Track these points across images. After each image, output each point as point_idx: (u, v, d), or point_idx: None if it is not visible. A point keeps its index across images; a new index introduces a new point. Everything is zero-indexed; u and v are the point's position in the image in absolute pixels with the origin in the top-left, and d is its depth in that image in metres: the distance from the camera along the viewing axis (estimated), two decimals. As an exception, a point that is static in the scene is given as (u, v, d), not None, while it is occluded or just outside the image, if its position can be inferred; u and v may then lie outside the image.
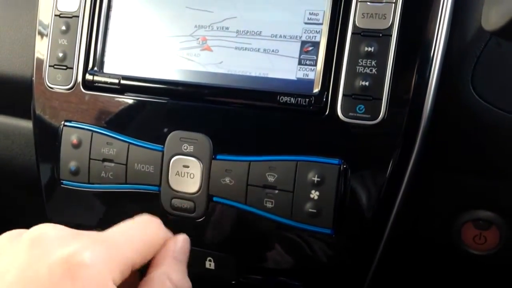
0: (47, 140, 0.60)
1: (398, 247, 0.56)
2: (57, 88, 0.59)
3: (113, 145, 0.56)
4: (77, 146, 0.58)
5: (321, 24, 0.50)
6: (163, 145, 0.55)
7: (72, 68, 0.58)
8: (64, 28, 0.59)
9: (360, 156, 0.49)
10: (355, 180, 0.49)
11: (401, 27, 0.47)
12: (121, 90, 0.57)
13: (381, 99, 0.47)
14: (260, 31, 0.53)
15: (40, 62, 0.60)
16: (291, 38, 0.52)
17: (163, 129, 0.55)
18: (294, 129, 0.51)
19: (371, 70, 0.47)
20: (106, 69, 0.58)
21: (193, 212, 0.54)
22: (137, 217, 0.40)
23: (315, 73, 0.50)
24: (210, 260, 0.55)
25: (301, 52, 0.51)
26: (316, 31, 0.51)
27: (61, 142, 0.59)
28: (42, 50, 0.60)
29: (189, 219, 0.54)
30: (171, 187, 0.55)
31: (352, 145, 0.49)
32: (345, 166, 0.49)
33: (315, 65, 0.50)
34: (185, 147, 0.54)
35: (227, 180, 0.52)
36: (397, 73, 0.47)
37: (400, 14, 0.46)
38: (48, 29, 0.60)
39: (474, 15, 0.48)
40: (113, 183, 0.57)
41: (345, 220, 0.49)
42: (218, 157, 0.53)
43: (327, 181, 0.49)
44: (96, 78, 0.58)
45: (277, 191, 0.50)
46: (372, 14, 0.47)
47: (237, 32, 0.54)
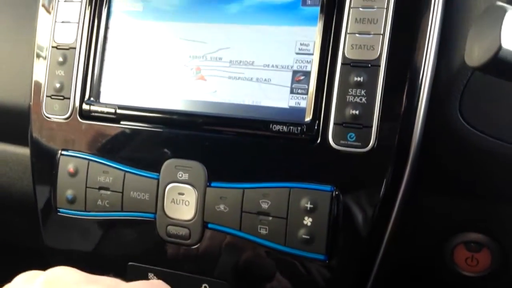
0: (44, 168, 0.61)
1: (392, 270, 0.56)
2: (54, 118, 0.61)
3: (109, 173, 0.57)
4: (73, 174, 0.59)
5: (312, 54, 0.52)
6: (159, 173, 0.56)
7: (69, 98, 0.60)
8: (61, 59, 0.60)
9: (352, 183, 0.50)
10: (347, 206, 0.50)
11: (389, 57, 0.48)
12: (117, 119, 0.58)
13: (371, 127, 0.48)
14: (253, 61, 0.54)
15: (38, 92, 0.61)
16: (283, 67, 0.53)
17: (158, 157, 0.56)
18: (286, 156, 0.52)
19: (361, 99, 0.49)
20: (102, 99, 0.60)
21: (188, 239, 0.55)
22: (153, 280, 0.41)
23: (306, 101, 0.51)
24: (205, 287, 0.55)
25: (293, 81, 0.53)
26: (307, 61, 0.52)
27: (58, 171, 0.60)
28: (40, 80, 0.61)
29: (185, 246, 0.55)
30: (166, 215, 0.55)
31: (344, 172, 0.50)
32: (337, 193, 0.50)
33: (306, 93, 0.52)
34: (180, 175, 0.55)
35: (222, 207, 0.53)
36: (386, 102, 0.48)
37: (388, 45, 0.48)
38: (46, 60, 0.61)
39: (461, 45, 0.49)
40: (109, 211, 0.58)
41: (338, 246, 0.50)
42: (212, 184, 0.54)
43: (319, 207, 0.50)
44: (93, 108, 0.59)
45: (271, 218, 0.51)
46: (360, 45, 0.49)
47: (230, 62, 0.55)
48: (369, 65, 0.48)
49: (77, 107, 0.59)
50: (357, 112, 0.49)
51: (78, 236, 0.61)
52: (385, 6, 0.48)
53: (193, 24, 0.57)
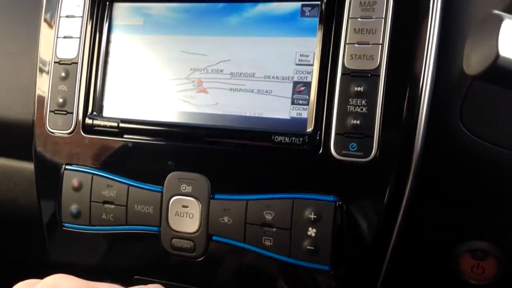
0: (49, 183, 0.62)
1: (397, 280, 0.56)
2: (58, 133, 0.61)
3: (113, 187, 0.57)
4: (78, 189, 0.59)
5: (312, 65, 0.52)
6: (162, 186, 0.56)
7: (72, 113, 0.60)
8: (63, 74, 0.61)
9: (355, 193, 0.50)
10: (351, 216, 0.50)
11: (388, 67, 0.48)
12: (120, 133, 0.58)
13: (373, 136, 0.48)
14: (254, 73, 0.54)
15: (41, 108, 0.62)
16: (283, 78, 0.53)
17: (161, 170, 0.56)
18: (289, 167, 0.52)
19: (361, 109, 0.49)
20: (105, 113, 0.60)
21: (193, 251, 0.55)
22: (150, 284, 0.42)
23: (308, 112, 0.52)
24: (211, 299, 0.55)
25: (293, 92, 0.53)
26: (307, 71, 0.52)
27: (62, 186, 0.60)
28: (43, 95, 0.62)
29: (189, 258, 0.55)
30: (171, 227, 0.55)
31: (347, 182, 0.50)
32: (340, 203, 0.50)
33: (307, 104, 0.52)
34: (183, 188, 0.55)
35: (226, 219, 0.53)
36: (387, 111, 0.48)
37: (387, 55, 0.48)
38: (48, 76, 0.62)
39: (461, 53, 0.49)
40: (114, 224, 0.58)
41: (343, 256, 0.50)
42: (216, 196, 0.54)
43: (323, 218, 0.50)
44: (96, 122, 0.59)
45: (275, 229, 0.51)
46: (360, 55, 0.49)
47: (231, 74, 0.55)
48: (369, 74, 0.49)
49: (80, 121, 0.60)
50: (358, 122, 0.49)
51: (83, 250, 0.61)
52: (383, 16, 0.48)
53: (193, 37, 0.57)
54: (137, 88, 0.59)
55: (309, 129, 0.51)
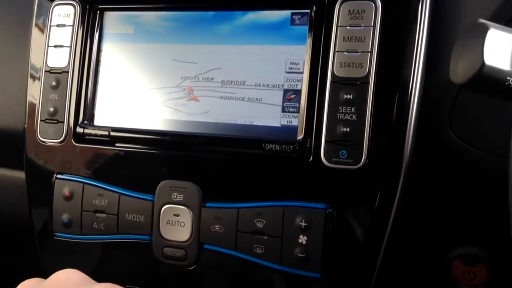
0: (40, 192, 0.61)
1: (389, 286, 0.56)
2: (49, 142, 0.61)
3: (104, 196, 0.57)
4: (69, 198, 0.59)
5: (302, 73, 0.52)
6: (153, 194, 0.56)
7: (63, 122, 0.60)
8: (54, 83, 0.61)
9: (346, 200, 0.50)
10: (341, 223, 0.50)
11: (377, 75, 0.48)
12: (111, 141, 0.58)
13: (362, 144, 0.48)
14: (244, 81, 0.54)
15: (32, 117, 0.62)
16: (273, 86, 0.53)
17: (152, 179, 0.56)
18: (280, 175, 0.52)
19: (351, 117, 0.49)
20: (96, 122, 0.60)
21: (184, 260, 0.55)
22: None
23: (298, 120, 0.52)
24: (203, 308, 0.55)
25: (284, 100, 0.53)
26: (297, 79, 0.52)
27: (54, 195, 0.60)
28: (33, 105, 0.62)
29: (181, 267, 0.55)
30: (162, 236, 0.55)
31: (337, 189, 0.50)
32: (331, 210, 0.50)
33: (298, 112, 0.52)
34: (175, 196, 0.55)
35: (217, 228, 0.53)
36: (376, 119, 0.48)
37: (376, 63, 0.48)
38: (39, 85, 0.62)
39: (449, 60, 0.49)
40: (105, 233, 0.58)
41: (333, 264, 0.50)
42: (207, 205, 0.54)
43: (314, 225, 0.50)
44: (87, 131, 0.59)
45: (266, 237, 0.51)
46: (349, 63, 0.49)
47: (222, 82, 0.55)
48: (358, 82, 0.49)
49: (71, 130, 0.60)
50: (347, 129, 0.49)
51: (75, 259, 0.61)
52: (372, 24, 0.49)
53: (184, 46, 0.57)
54: (128, 96, 0.59)
55: (300, 136, 0.51)
